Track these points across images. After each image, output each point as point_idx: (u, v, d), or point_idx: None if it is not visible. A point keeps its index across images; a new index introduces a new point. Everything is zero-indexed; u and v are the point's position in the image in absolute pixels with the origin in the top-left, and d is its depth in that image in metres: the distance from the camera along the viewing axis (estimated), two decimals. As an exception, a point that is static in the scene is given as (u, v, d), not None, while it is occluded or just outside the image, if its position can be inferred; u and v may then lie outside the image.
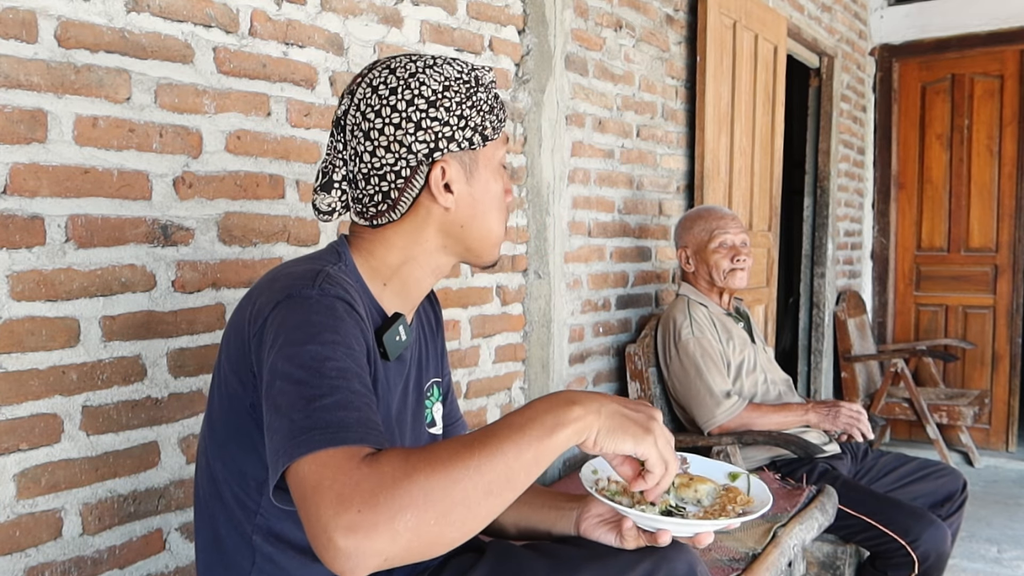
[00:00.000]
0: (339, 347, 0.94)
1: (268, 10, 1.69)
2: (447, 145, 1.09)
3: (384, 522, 0.79)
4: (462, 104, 1.09)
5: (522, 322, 2.45)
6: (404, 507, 0.80)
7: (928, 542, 2.11)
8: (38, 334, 1.36)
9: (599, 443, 0.92)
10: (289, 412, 0.88)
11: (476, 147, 1.11)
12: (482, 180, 1.14)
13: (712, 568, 1.66)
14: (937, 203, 4.99)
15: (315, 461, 0.83)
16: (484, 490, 0.83)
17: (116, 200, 1.46)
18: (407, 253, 1.15)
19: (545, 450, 0.88)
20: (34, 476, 1.36)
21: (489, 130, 1.12)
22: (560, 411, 0.90)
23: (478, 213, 1.14)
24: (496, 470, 0.84)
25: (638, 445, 0.93)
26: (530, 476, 0.87)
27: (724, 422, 2.37)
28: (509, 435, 0.87)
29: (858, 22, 4.87)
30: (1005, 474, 4.39)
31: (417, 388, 1.23)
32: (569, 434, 0.90)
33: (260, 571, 1.09)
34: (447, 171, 1.10)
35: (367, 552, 0.79)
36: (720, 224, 2.54)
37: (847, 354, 4.56)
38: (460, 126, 1.09)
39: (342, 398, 0.89)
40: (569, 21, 2.55)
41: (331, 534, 0.79)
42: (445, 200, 1.11)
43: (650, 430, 0.94)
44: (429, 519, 0.80)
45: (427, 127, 1.08)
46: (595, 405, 0.93)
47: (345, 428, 0.86)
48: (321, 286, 1.00)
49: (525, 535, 1.26)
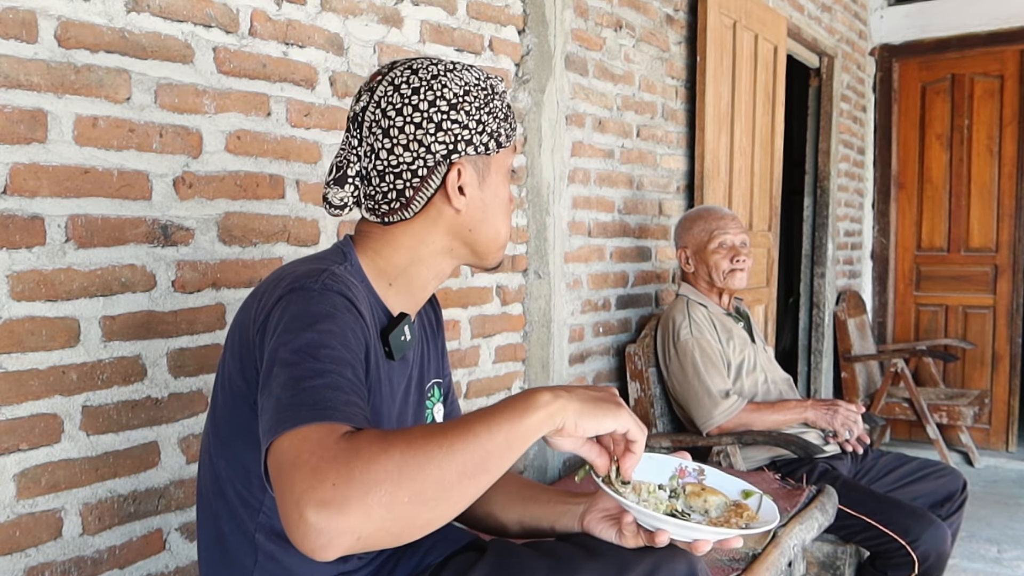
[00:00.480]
0: (335, 337, 0.96)
1: (268, 10, 1.69)
2: (465, 148, 1.11)
3: (357, 497, 0.79)
4: (481, 109, 1.12)
5: (522, 322, 2.45)
6: (379, 482, 0.80)
7: (928, 542, 2.11)
8: (38, 334, 1.36)
9: (580, 425, 0.94)
10: (279, 393, 0.90)
11: (491, 152, 1.14)
12: (493, 185, 1.16)
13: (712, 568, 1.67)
14: (937, 203, 4.99)
15: (296, 436, 0.84)
16: (458, 471, 0.84)
17: (116, 200, 1.46)
18: (414, 254, 1.16)
19: (517, 434, 0.89)
20: (34, 476, 1.36)
21: (503, 137, 1.15)
22: (529, 397, 0.93)
23: (488, 217, 1.17)
24: (468, 450, 0.85)
25: (617, 420, 0.97)
26: (503, 460, 0.88)
27: (723, 422, 2.37)
28: (481, 418, 0.89)
29: (858, 22, 4.87)
30: (1005, 474, 4.39)
31: (419, 388, 1.24)
32: (542, 416, 0.92)
33: (262, 569, 1.09)
34: (463, 173, 1.12)
35: (339, 529, 0.78)
36: (720, 225, 2.54)
37: (847, 354, 4.56)
38: (478, 130, 1.12)
39: (331, 381, 0.90)
40: (569, 21, 2.55)
41: (303, 509, 0.78)
42: (458, 202, 1.13)
43: (621, 404, 0.99)
44: (403, 496, 0.80)
45: (447, 128, 1.10)
46: (563, 392, 0.95)
47: (331, 407, 0.87)
48: (324, 282, 1.02)
49: (528, 532, 1.26)
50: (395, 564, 1.17)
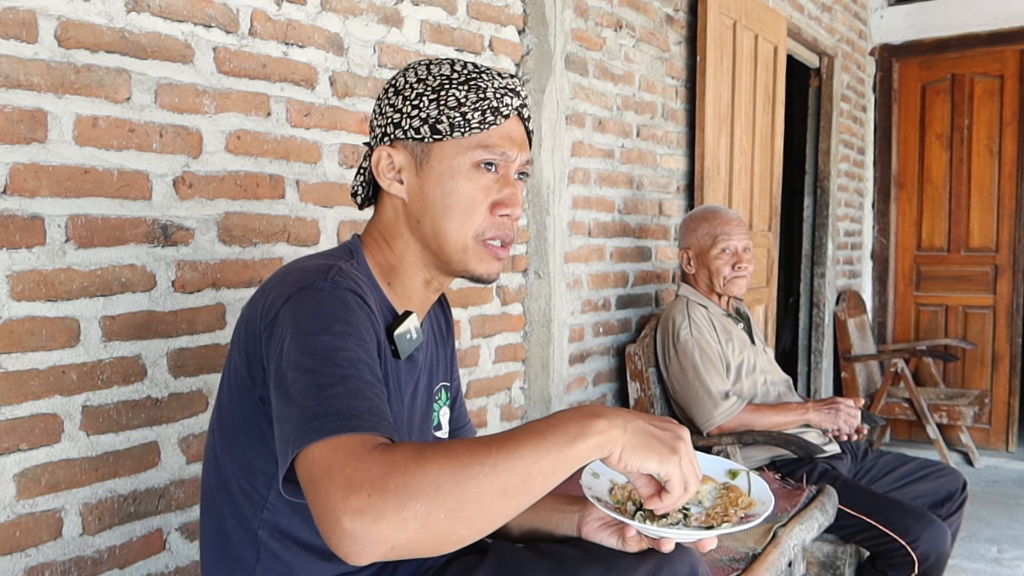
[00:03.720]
0: (351, 337, 0.95)
1: (268, 10, 1.69)
2: (394, 131, 1.13)
3: (392, 509, 0.78)
4: (422, 96, 1.11)
5: (522, 322, 2.45)
6: (414, 496, 0.79)
7: (928, 542, 2.11)
8: (38, 334, 1.36)
9: (623, 459, 0.91)
10: (300, 400, 0.89)
11: (426, 139, 1.11)
12: (434, 175, 1.11)
13: (712, 568, 1.67)
14: (937, 203, 4.99)
15: (327, 446, 0.84)
16: (499, 490, 0.82)
17: (116, 200, 1.46)
18: (397, 253, 1.17)
19: (565, 458, 0.86)
20: (34, 476, 1.36)
21: (444, 124, 1.09)
22: (585, 422, 0.89)
23: (429, 208, 1.12)
24: (512, 471, 0.83)
25: (663, 465, 0.92)
26: (547, 483, 0.86)
27: (722, 423, 2.37)
28: (530, 439, 0.86)
29: (858, 22, 4.87)
30: (1005, 474, 4.39)
31: (427, 391, 1.24)
32: (592, 446, 0.88)
33: (265, 567, 1.09)
34: (393, 157, 1.14)
35: (373, 537, 0.78)
36: (724, 230, 2.53)
37: (847, 354, 4.56)
38: (410, 114, 1.11)
39: (353, 387, 0.89)
40: (569, 21, 2.55)
41: (338, 516, 0.79)
42: (394, 188, 1.14)
43: (676, 450, 0.92)
44: (439, 512, 0.80)
45: (385, 112, 1.14)
46: (621, 420, 0.91)
47: (357, 416, 0.86)
48: (334, 279, 1.01)
49: (528, 537, 1.26)
50: (397, 564, 1.17)
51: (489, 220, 1.13)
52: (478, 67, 1.14)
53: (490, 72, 1.13)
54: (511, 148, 1.13)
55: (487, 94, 1.11)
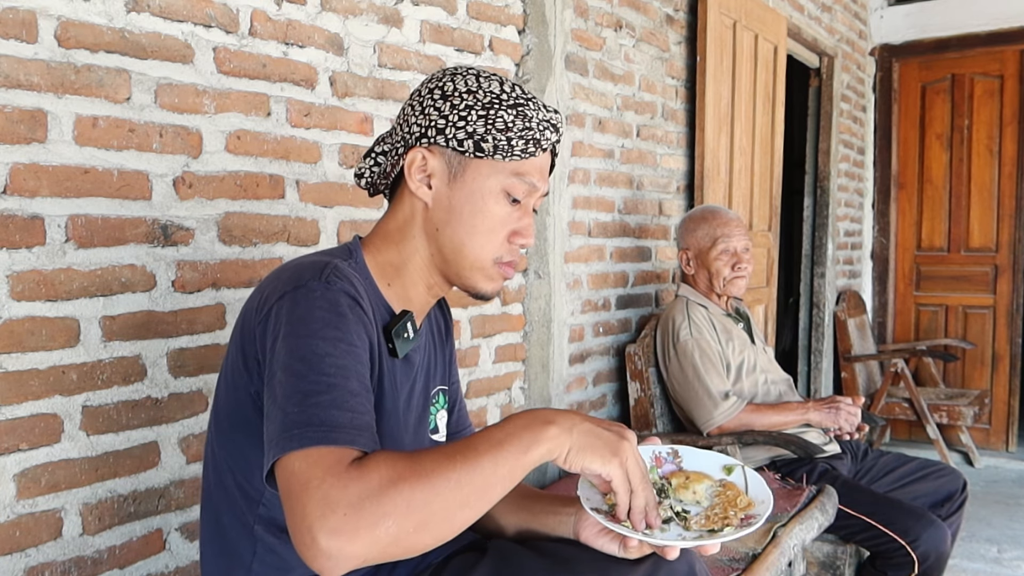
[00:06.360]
0: (340, 343, 0.96)
1: (268, 10, 1.69)
2: (435, 136, 1.11)
3: (366, 528, 0.83)
4: (471, 109, 1.10)
5: (522, 322, 2.45)
6: (387, 514, 0.84)
7: (928, 542, 2.11)
8: (38, 334, 1.36)
9: (569, 460, 0.95)
10: (284, 404, 0.91)
11: (467, 153, 1.11)
12: (467, 190, 1.12)
13: (712, 568, 1.67)
14: (937, 203, 4.99)
15: (305, 458, 0.87)
16: (461, 503, 0.88)
17: (116, 200, 1.46)
18: (403, 254, 1.17)
19: (519, 466, 0.92)
20: (34, 476, 1.36)
21: (489, 145, 1.10)
22: (538, 429, 0.94)
23: (453, 220, 1.13)
24: (474, 483, 0.89)
25: (604, 465, 0.96)
26: (504, 489, 0.92)
27: (722, 423, 2.37)
28: (488, 449, 0.91)
29: (858, 22, 4.87)
30: (1005, 474, 4.39)
31: (423, 393, 1.24)
32: (543, 452, 0.94)
33: (261, 561, 1.09)
34: (428, 161, 1.12)
35: (347, 555, 0.83)
36: (724, 231, 2.53)
37: (847, 354, 4.56)
38: (456, 124, 1.10)
39: (338, 396, 0.92)
40: (569, 21, 2.55)
41: (315, 534, 0.83)
42: (421, 191, 1.13)
43: (617, 452, 0.96)
44: (408, 527, 0.85)
45: (427, 113, 1.12)
46: (568, 423, 0.96)
47: (338, 428, 0.89)
48: (328, 279, 1.01)
49: (524, 538, 1.26)
50: (395, 563, 1.17)
51: (506, 246, 1.16)
52: (525, 92, 1.14)
53: (536, 101, 1.14)
54: (540, 180, 1.15)
55: (532, 123, 1.12)
